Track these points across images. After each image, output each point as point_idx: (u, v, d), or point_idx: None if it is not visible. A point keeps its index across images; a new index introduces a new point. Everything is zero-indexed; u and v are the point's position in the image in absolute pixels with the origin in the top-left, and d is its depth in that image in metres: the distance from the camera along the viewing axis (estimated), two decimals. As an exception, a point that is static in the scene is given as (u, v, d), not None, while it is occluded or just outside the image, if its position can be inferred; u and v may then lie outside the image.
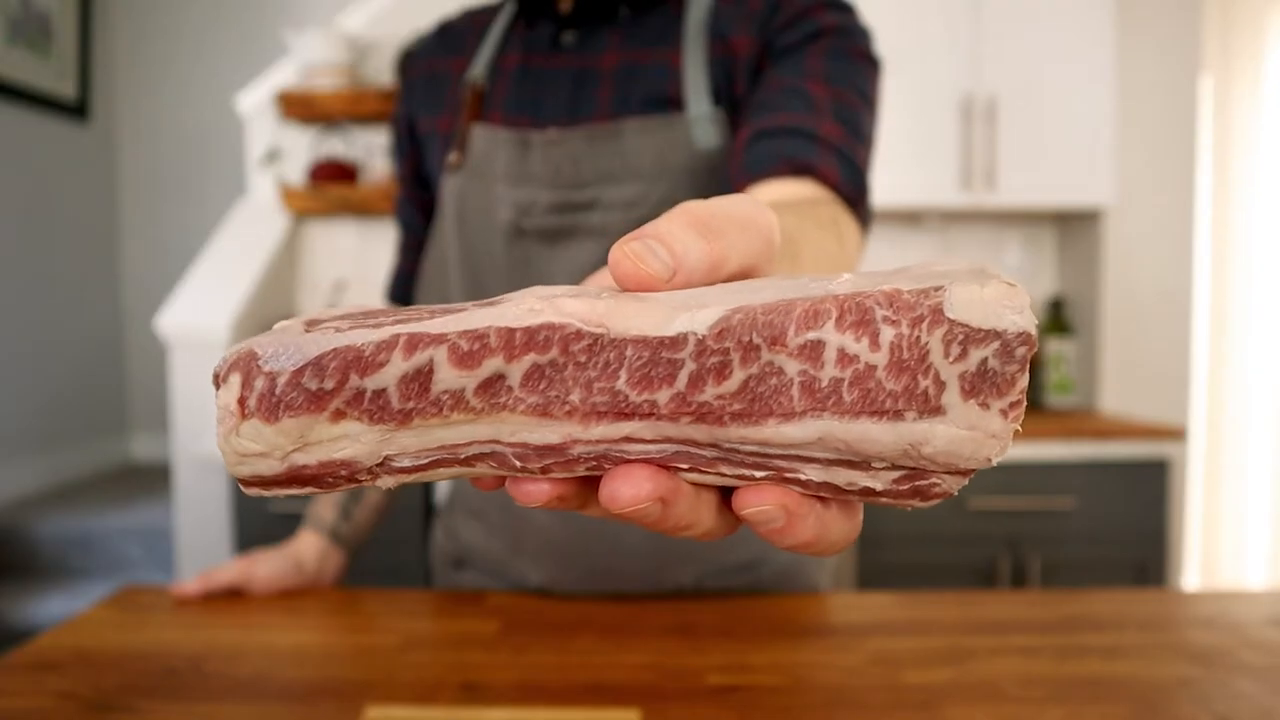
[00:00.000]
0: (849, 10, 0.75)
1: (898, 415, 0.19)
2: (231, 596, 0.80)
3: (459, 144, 0.80)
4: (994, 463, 0.20)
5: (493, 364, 0.19)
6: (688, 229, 0.22)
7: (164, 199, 3.33)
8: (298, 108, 2.30)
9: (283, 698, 0.60)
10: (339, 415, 0.20)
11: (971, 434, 0.19)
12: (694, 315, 0.20)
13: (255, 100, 2.46)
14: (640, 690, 0.60)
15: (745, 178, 0.66)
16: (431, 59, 0.87)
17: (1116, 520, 2.01)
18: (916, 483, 0.20)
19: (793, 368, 0.19)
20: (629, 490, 0.20)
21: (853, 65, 0.72)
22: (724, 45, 0.75)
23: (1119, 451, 2.00)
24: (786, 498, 0.21)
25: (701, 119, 0.73)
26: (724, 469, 0.21)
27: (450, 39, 0.87)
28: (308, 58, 2.29)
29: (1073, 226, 2.48)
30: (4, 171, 2.74)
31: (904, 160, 2.21)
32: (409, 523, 1.92)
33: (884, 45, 2.23)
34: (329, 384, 0.19)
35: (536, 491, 0.21)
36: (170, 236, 3.32)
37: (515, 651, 0.67)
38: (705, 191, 0.72)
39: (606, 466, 0.21)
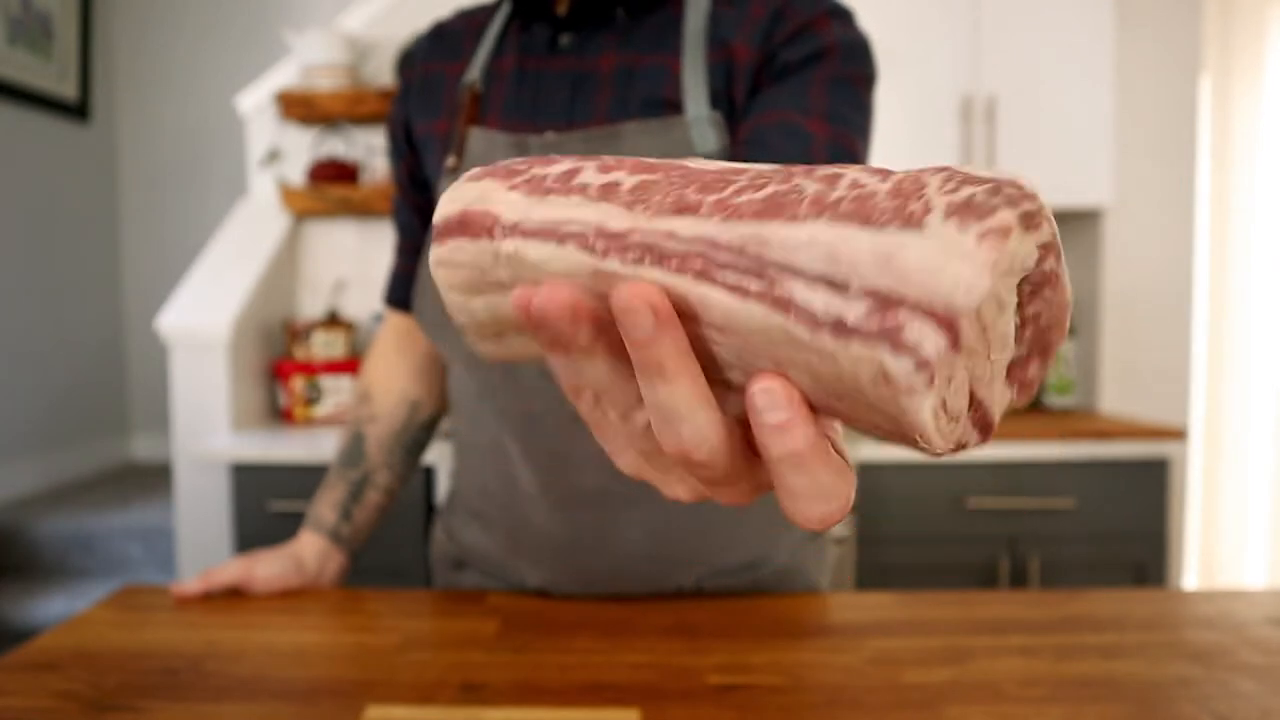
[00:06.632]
0: (848, 19, 0.75)
1: (882, 225, 0.21)
2: (231, 596, 0.80)
3: (456, 147, 0.80)
4: (962, 300, 0.21)
5: (619, 175, 0.26)
6: None
7: (164, 199, 3.33)
8: (298, 108, 2.30)
9: (283, 698, 0.60)
10: (514, 187, 0.28)
11: (943, 250, 0.21)
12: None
13: (255, 100, 2.46)
14: (640, 690, 0.60)
15: None
16: (427, 62, 0.87)
17: (1116, 520, 2.01)
18: (886, 322, 0.21)
19: (812, 187, 0.23)
20: (628, 290, 0.23)
21: (853, 94, 0.73)
22: (724, 50, 0.75)
23: (1119, 451, 1.99)
24: (791, 390, 0.23)
25: (700, 121, 0.73)
26: (728, 275, 0.23)
27: (445, 41, 0.87)
28: (308, 58, 2.29)
29: (1072, 226, 2.48)
30: (5, 172, 2.74)
31: (904, 160, 2.21)
32: (409, 523, 1.92)
33: (884, 45, 2.24)
34: (521, 167, 0.29)
35: (556, 296, 0.24)
36: (171, 237, 3.32)
37: (515, 651, 0.67)
38: None
39: (646, 260, 0.24)
